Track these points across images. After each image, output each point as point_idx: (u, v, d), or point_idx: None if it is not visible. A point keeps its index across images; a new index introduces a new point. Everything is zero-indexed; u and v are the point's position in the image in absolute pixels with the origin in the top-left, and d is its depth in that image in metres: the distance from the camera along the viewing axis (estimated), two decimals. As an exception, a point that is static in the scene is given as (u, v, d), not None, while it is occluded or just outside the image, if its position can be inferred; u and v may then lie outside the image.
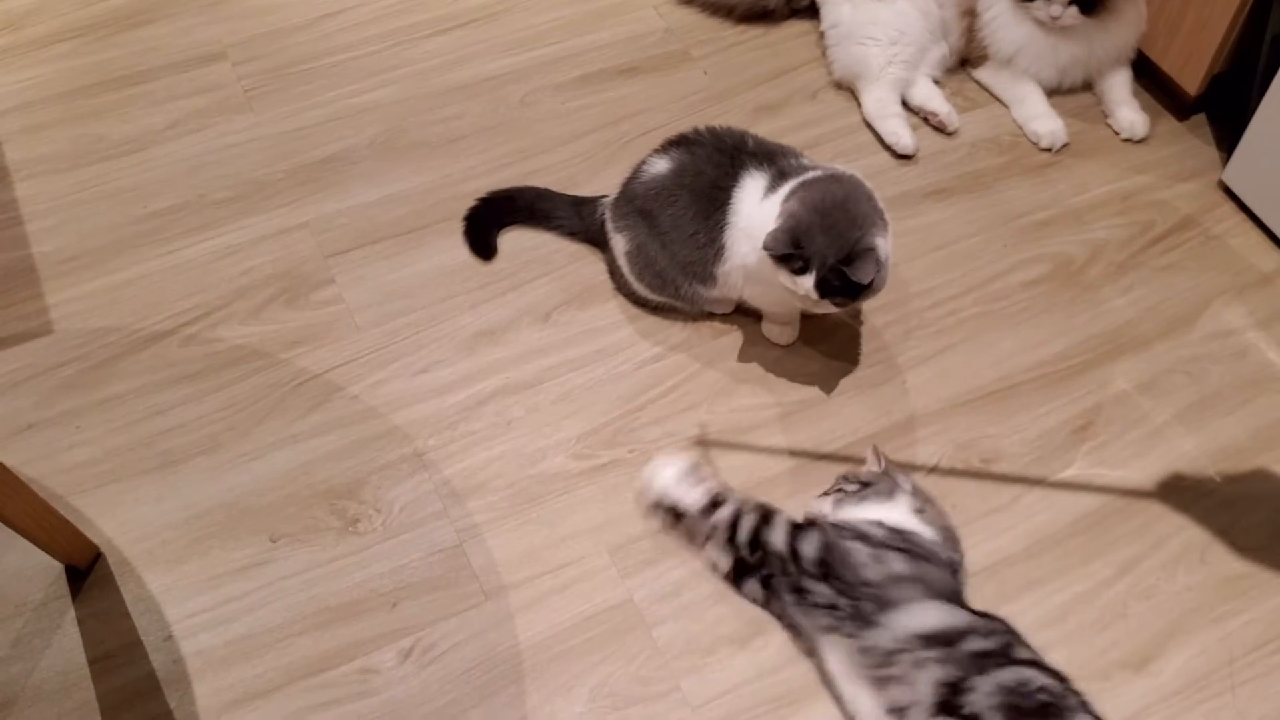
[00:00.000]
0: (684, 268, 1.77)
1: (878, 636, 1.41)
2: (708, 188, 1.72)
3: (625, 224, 1.82)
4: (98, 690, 1.51)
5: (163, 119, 2.15)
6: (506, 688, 1.51)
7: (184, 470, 1.70)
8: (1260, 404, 1.82)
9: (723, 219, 1.71)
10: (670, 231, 1.76)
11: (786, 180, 1.66)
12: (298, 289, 1.91)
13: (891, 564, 1.45)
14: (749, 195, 1.69)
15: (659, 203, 1.76)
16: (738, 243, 1.70)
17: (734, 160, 1.72)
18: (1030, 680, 1.35)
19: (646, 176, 1.79)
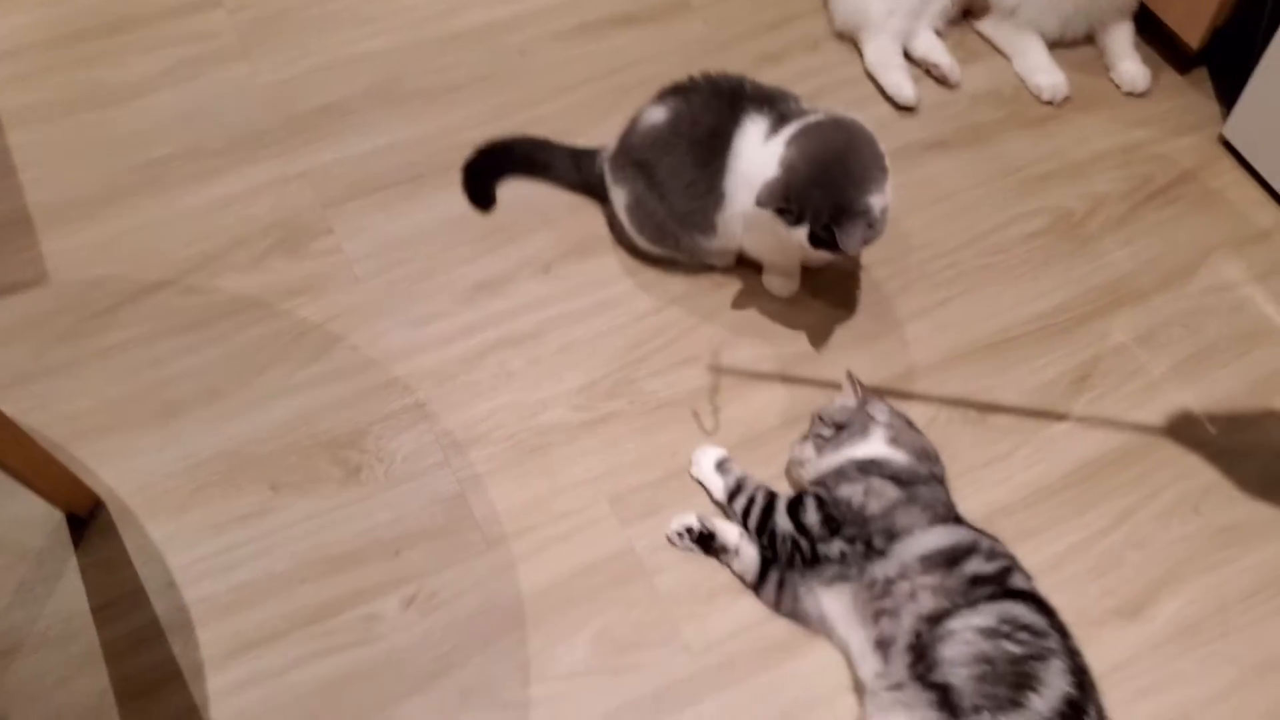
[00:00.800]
0: (683, 218, 1.77)
1: (885, 567, 1.44)
2: (706, 135, 1.71)
3: (624, 176, 1.81)
4: (101, 637, 1.52)
5: (157, 66, 2.13)
6: (508, 634, 1.53)
7: (184, 420, 1.70)
8: (1256, 356, 1.84)
9: (722, 165, 1.70)
10: (669, 182, 1.75)
11: (788, 123, 1.65)
12: (296, 239, 1.90)
13: (885, 492, 1.49)
14: (749, 139, 1.69)
15: (657, 153, 1.75)
16: (738, 189, 1.70)
17: (733, 105, 1.71)
18: (1016, 617, 1.37)
19: (644, 127, 1.78)
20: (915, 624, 1.39)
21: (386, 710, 1.47)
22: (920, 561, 1.43)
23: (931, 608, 1.39)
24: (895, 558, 1.44)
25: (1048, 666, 1.34)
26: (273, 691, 1.48)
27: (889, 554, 1.45)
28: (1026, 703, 1.30)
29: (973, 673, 1.33)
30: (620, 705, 1.48)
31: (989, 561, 1.44)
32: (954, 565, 1.42)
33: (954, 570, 1.42)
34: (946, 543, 1.45)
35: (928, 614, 1.39)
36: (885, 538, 1.46)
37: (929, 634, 1.38)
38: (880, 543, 1.46)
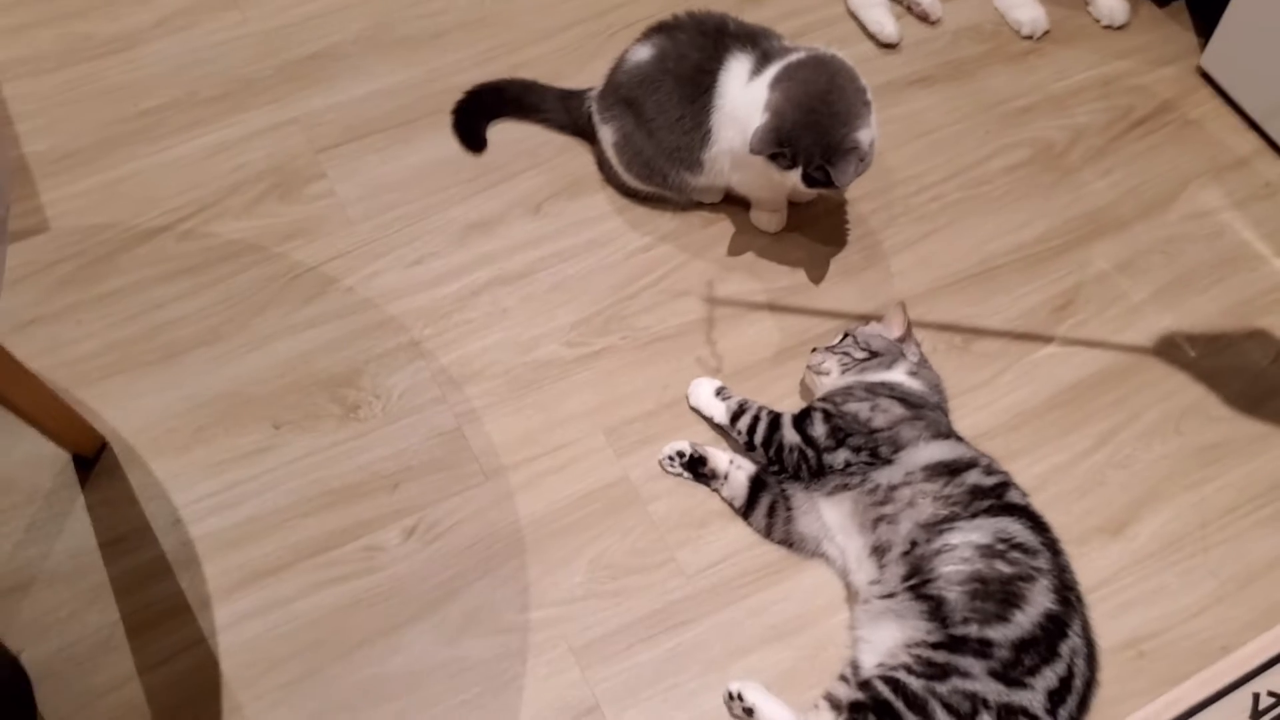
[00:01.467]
0: (670, 155, 1.80)
1: (889, 474, 1.49)
2: (691, 71, 1.73)
3: (611, 115, 1.83)
4: (110, 573, 1.55)
5: (149, 16, 2.14)
6: (508, 561, 1.57)
7: (185, 361, 1.73)
8: (1234, 281, 1.87)
9: (708, 103, 1.73)
10: (656, 118, 1.78)
11: (771, 62, 1.68)
12: (290, 184, 1.93)
13: (892, 409, 1.54)
14: (734, 78, 1.71)
15: (643, 90, 1.77)
16: (724, 127, 1.72)
17: (717, 43, 1.73)
18: (1011, 535, 1.41)
19: (629, 65, 1.80)
20: (913, 531, 1.44)
21: (390, 636, 1.51)
22: (923, 470, 1.48)
23: (930, 515, 1.44)
24: (900, 465, 1.49)
25: (1034, 586, 1.38)
26: (278, 620, 1.52)
27: (895, 462, 1.50)
28: (1011, 617, 1.36)
29: (965, 589, 1.38)
30: (618, 627, 1.53)
31: (988, 476, 1.49)
32: (955, 475, 1.47)
33: (955, 480, 1.47)
34: (949, 455, 1.50)
35: (925, 521, 1.44)
36: (891, 447, 1.51)
37: (925, 545, 1.42)
38: (887, 451, 1.51)
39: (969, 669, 1.33)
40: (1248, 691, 1.47)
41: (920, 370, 1.64)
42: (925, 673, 1.34)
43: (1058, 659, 1.35)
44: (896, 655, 1.38)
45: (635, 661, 1.50)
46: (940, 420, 1.58)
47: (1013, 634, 1.35)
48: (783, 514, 1.58)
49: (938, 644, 1.36)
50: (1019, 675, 1.33)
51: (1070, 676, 1.36)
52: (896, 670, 1.35)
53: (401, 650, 1.50)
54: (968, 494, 1.45)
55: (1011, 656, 1.34)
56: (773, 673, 1.50)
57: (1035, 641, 1.35)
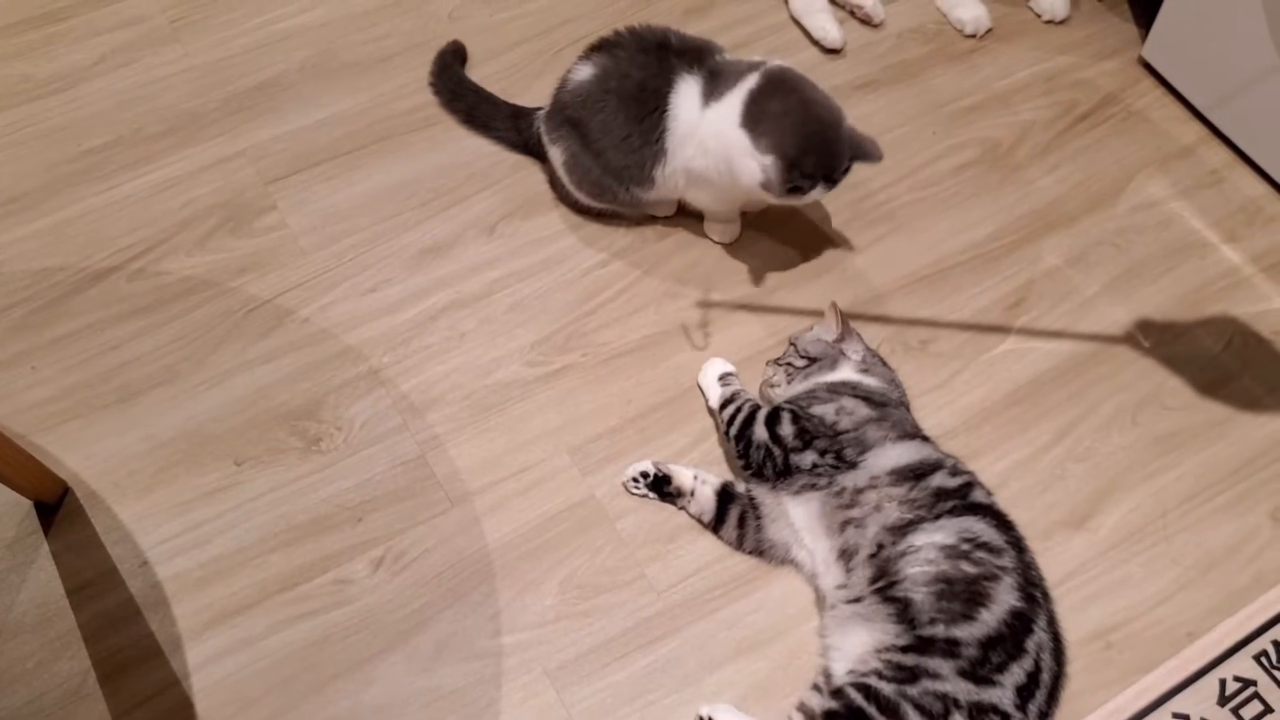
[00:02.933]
0: (619, 173, 1.80)
1: (854, 477, 1.50)
2: (635, 90, 1.74)
3: (558, 135, 1.84)
4: (78, 619, 1.54)
5: (88, 55, 2.13)
6: (478, 587, 1.57)
7: (143, 402, 1.72)
8: (1184, 270, 1.90)
9: (659, 123, 1.73)
10: (601, 138, 1.78)
11: (723, 84, 1.69)
12: (240, 217, 1.92)
13: (857, 410, 1.55)
14: (685, 99, 1.72)
15: (587, 110, 1.78)
16: (680, 146, 1.73)
17: (660, 60, 1.74)
18: (976, 535, 1.43)
19: (572, 85, 1.80)
20: (879, 535, 1.45)
21: (363, 668, 1.50)
22: (889, 474, 1.49)
23: (896, 519, 1.45)
24: (865, 469, 1.50)
25: (999, 584, 1.40)
26: (251, 658, 1.51)
27: (860, 466, 1.51)
28: (977, 616, 1.37)
29: (931, 590, 1.39)
30: (591, 647, 1.53)
31: (953, 477, 1.50)
32: (920, 479, 1.48)
33: (920, 483, 1.48)
34: (915, 457, 1.51)
35: (892, 525, 1.45)
36: (857, 449, 1.52)
37: (891, 547, 1.43)
38: (852, 454, 1.51)
39: (938, 670, 1.34)
40: (1215, 678, 1.50)
41: (871, 367, 1.65)
42: (896, 677, 1.35)
43: (1025, 655, 1.36)
44: (867, 661, 1.39)
45: (610, 681, 1.50)
46: (905, 419, 1.59)
47: (979, 632, 1.36)
48: (752, 523, 1.58)
49: (906, 647, 1.37)
50: (987, 673, 1.34)
51: (1038, 671, 1.37)
52: (868, 676, 1.36)
53: (375, 682, 1.49)
54: (933, 496, 1.46)
55: (979, 655, 1.35)
56: (747, 684, 1.50)
57: (1002, 639, 1.36)
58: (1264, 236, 1.94)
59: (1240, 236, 1.93)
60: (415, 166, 1.99)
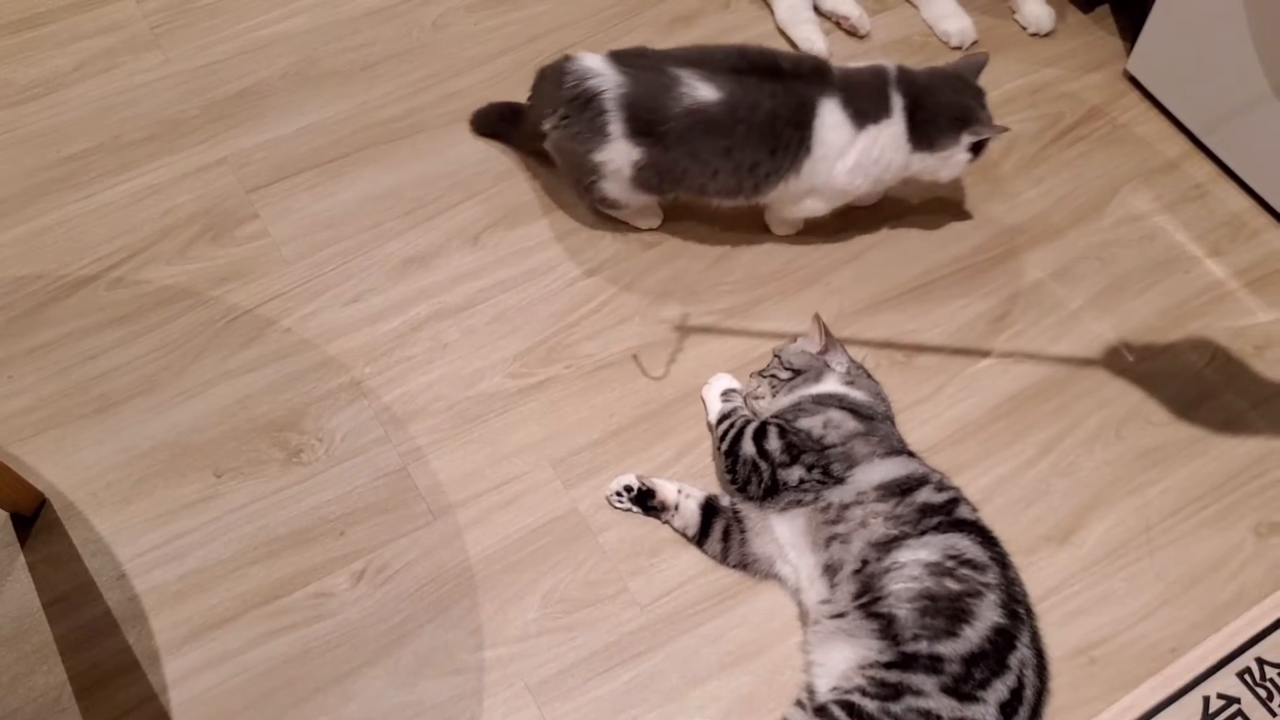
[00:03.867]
0: (714, 190, 1.79)
1: (841, 493, 1.50)
2: (767, 119, 1.71)
3: (644, 140, 1.74)
4: (55, 632, 1.52)
5: (68, 61, 2.11)
6: (460, 601, 1.56)
7: (122, 412, 1.70)
8: (1168, 284, 1.90)
9: (797, 152, 1.73)
10: (714, 160, 1.74)
11: (862, 100, 1.73)
12: (222, 225, 1.90)
13: (844, 424, 1.55)
14: (832, 127, 1.72)
15: (702, 132, 1.72)
16: (818, 167, 1.74)
17: (787, 89, 1.72)
18: (960, 551, 1.43)
19: (689, 102, 1.71)
20: (864, 550, 1.45)
21: (344, 682, 1.49)
22: (876, 490, 1.49)
23: (881, 534, 1.45)
24: (852, 485, 1.50)
25: (982, 601, 1.40)
26: (230, 672, 1.49)
27: (846, 481, 1.50)
28: (960, 633, 1.37)
29: (915, 607, 1.39)
30: (574, 662, 1.52)
31: (939, 493, 1.50)
32: (906, 494, 1.48)
33: (906, 499, 1.47)
34: (901, 473, 1.51)
35: (877, 540, 1.44)
36: (844, 464, 1.51)
37: (876, 563, 1.43)
38: (839, 469, 1.51)
39: (921, 686, 1.34)
40: (1198, 695, 1.49)
41: (856, 379, 1.65)
42: (879, 693, 1.35)
43: (1007, 671, 1.36)
44: (850, 678, 1.39)
45: (593, 696, 1.49)
46: (891, 433, 1.59)
47: (962, 649, 1.36)
48: (737, 537, 1.58)
49: (890, 663, 1.37)
50: (970, 689, 1.34)
51: (1021, 688, 1.37)
52: (851, 693, 1.36)
53: (355, 696, 1.48)
54: (918, 512, 1.46)
55: (962, 671, 1.35)
56: (731, 699, 1.49)
57: (985, 655, 1.36)
58: (1248, 251, 1.94)
59: (1224, 251, 1.94)
60: (398, 175, 1.97)
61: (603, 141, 1.74)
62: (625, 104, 1.72)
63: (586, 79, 1.73)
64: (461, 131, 2.04)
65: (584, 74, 1.74)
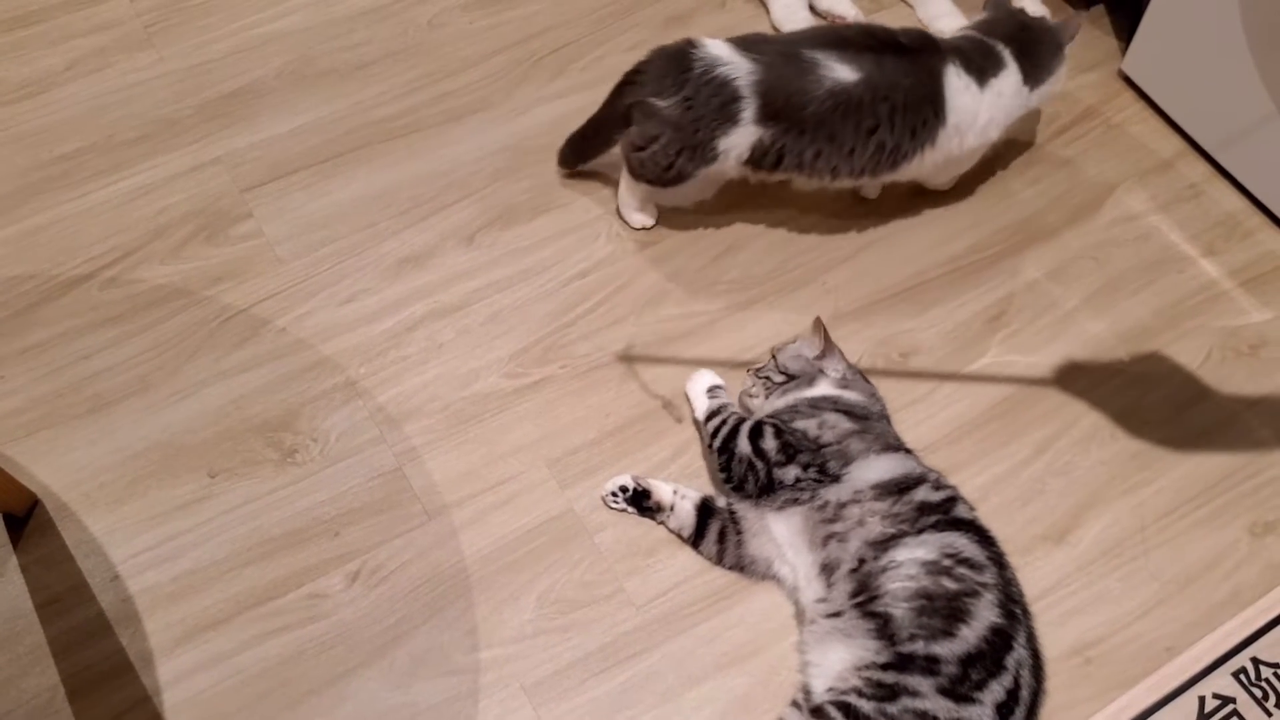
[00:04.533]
0: (848, 171, 1.78)
1: (837, 491, 1.49)
2: (905, 99, 1.73)
3: (774, 124, 1.73)
4: (48, 633, 1.51)
5: (60, 60, 2.10)
6: (455, 602, 1.55)
7: (115, 413, 1.69)
8: (1163, 284, 1.90)
9: (934, 126, 1.76)
10: (851, 142, 1.74)
11: (976, 58, 1.78)
12: (216, 225, 1.89)
13: (839, 424, 1.55)
14: (960, 92, 1.76)
15: (841, 115, 1.72)
16: (954, 135, 1.78)
17: (913, 63, 1.74)
18: (958, 550, 1.43)
19: (829, 85, 1.70)
20: (861, 549, 1.44)
21: (338, 684, 1.48)
22: (873, 488, 1.48)
23: (879, 534, 1.45)
24: (849, 483, 1.50)
25: (979, 601, 1.40)
26: (223, 674, 1.49)
27: (843, 479, 1.50)
28: (956, 633, 1.37)
29: (912, 606, 1.39)
30: (570, 662, 1.51)
31: (936, 491, 1.50)
32: (904, 493, 1.48)
33: (903, 498, 1.47)
34: (899, 471, 1.51)
35: (874, 539, 1.44)
36: (840, 462, 1.51)
37: (873, 562, 1.43)
38: (835, 467, 1.51)
39: (918, 688, 1.34)
40: (1194, 695, 1.49)
41: (851, 382, 1.64)
42: (876, 694, 1.34)
43: (1004, 672, 1.36)
44: (846, 678, 1.38)
45: (589, 697, 1.49)
46: (887, 431, 1.59)
47: (959, 649, 1.35)
48: (733, 538, 1.57)
49: (886, 664, 1.36)
50: (967, 690, 1.34)
51: (1017, 689, 1.37)
52: (847, 694, 1.36)
53: (350, 698, 1.48)
54: (916, 510, 1.46)
55: (959, 672, 1.35)
56: (727, 699, 1.49)
57: (981, 656, 1.36)
58: (1242, 250, 1.94)
59: (1219, 250, 1.94)
60: (393, 175, 1.97)
61: (731, 127, 1.73)
62: (761, 90, 1.71)
63: (717, 66, 1.71)
64: (456, 131, 2.03)
65: (713, 61, 1.72)
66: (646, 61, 1.79)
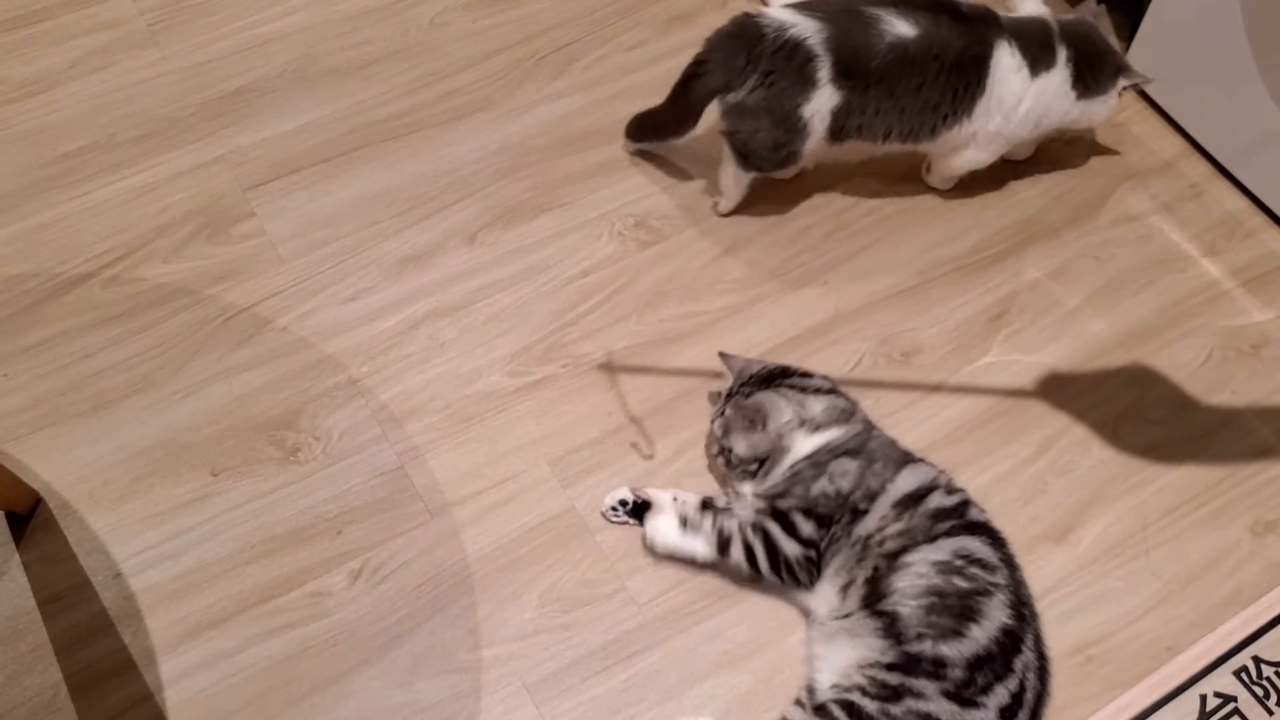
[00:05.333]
0: (900, 133, 1.80)
1: (865, 524, 1.47)
2: (955, 59, 1.74)
3: (846, 83, 1.73)
4: (50, 631, 1.51)
5: (63, 59, 2.10)
6: (457, 600, 1.55)
7: (118, 411, 1.70)
8: (1164, 284, 1.90)
9: (974, 93, 1.77)
10: (903, 99, 1.76)
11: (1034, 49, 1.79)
12: (218, 224, 1.90)
13: (848, 467, 1.51)
14: (1008, 71, 1.77)
15: (898, 69, 1.73)
16: (992, 113, 1.80)
17: (969, 29, 1.75)
18: (970, 552, 1.43)
19: (891, 38, 1.72)
20: (876, 562, 1.44)
21: (340, 682, 1.48)
22: (893, 507, 1.47)
23: (895, 548, 1.44)
24: (875, 512, 1.48)
25: (990, 601, 1.39)
26: (226, 672, 1.49)
27: (871, 510, 1.48)
28: (967, 633, 1.36)
29: (921, 604, 1.38)
30: (571, 661, 1.51)
31: (949, 495, 1.50)
32: (918, 503, 1.47)
33: (918, 509, 1.47)
34: (912, 485, 1.49)
35: (890, 552, 1.44)
36: (867, 500, 1.49)
37: (886, 568, 1.43)
38: (864, 504, 1.48)
39: (922, 690, 1.34)
40: (1195, 693, 1.50)
41: (811, 417, 1.56)
42: (880, 694, 1.34)
43: (1011, 675, 1.36)
44: (851, 676, 1.38)
45: (591, 695, 1.49)
46: (884, 442, 1.56)
47: (968, 650, 1.35)
48: None
49: (891, 664, 1.36)
50: (972, 695, 1.34)
51: (1022, 691, 1.37)
52: (851, 692, 1.36)
53: (352, 696, 1.48)
54: (930, 518, 1.45)
55: (965, 676, 1.34)
56: (729, 698, 1.49)
57: (991, 658, 1.36)
58: (1243, 250, 1.94)
59: (1220, 250, 1.94)
60: (395, 174, 1.97)
61: (811, 91, 1.73)
62: (832, 47, 1.71)
63: (787, 29, 1.71)
64: (459, 130, 2.04)
65: (782, 25, 1.71)
66: (707, 50, 1.78)
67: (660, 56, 2.15)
